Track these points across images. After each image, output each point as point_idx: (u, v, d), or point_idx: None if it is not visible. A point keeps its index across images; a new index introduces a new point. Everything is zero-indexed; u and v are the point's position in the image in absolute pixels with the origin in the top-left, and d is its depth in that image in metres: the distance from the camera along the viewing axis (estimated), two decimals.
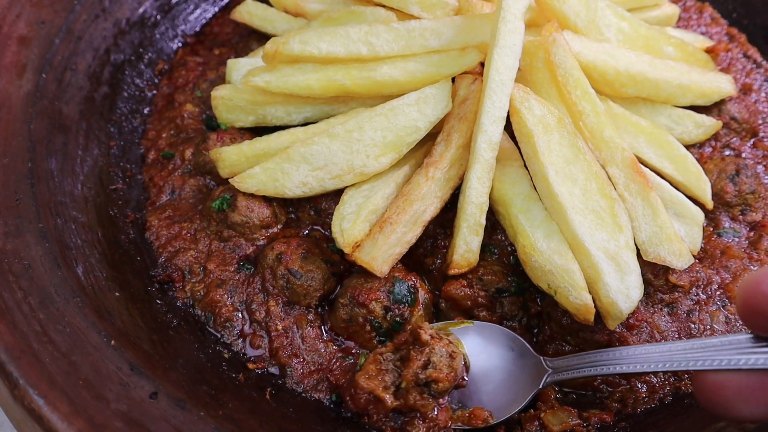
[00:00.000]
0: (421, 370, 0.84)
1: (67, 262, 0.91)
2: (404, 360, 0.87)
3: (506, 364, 0.94)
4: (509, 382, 0.93)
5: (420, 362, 0.84)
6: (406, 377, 0.84)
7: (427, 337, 0.85)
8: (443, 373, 0.83)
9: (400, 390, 0.85)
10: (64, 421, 0.71)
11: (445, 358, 0.85)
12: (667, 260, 0.98)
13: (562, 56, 1.03)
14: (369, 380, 0.86)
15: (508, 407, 0.91)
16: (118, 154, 1.18)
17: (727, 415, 0.68)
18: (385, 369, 0.87)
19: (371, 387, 0.85)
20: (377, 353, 0.88)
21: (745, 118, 1.19)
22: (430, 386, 0.84)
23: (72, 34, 1.17)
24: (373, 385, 0.85)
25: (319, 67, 1.07)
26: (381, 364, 0.87)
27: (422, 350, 0.85)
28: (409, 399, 0.84)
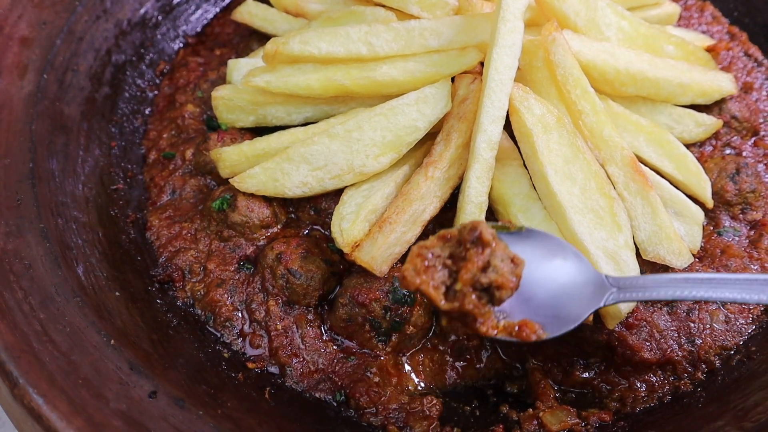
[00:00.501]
0: (481, 273, 0.73)
1: (67, 262, 0.91)
2: (455, 259, 0.76)
3: (561, 276, 0.85)
4: (565, 297, 0.84)
5: (480, 263, 0.73)
6: (463, 278, 0.73)
7: (489, 236, 0.74)
8: (505, 277, 0.73)
9: (452, 292, 0.74)
10: (63, 419, 0.71)
11: (508, 263, 0.75)
12: (666, 259, 0.98)
13: (562, 55, 1.03)
14: (417, 275, 0.74)
15: (563, 324, 0.82)
16: (119, 155, 1.18)
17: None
18: (433, 265, 0.75)
19: (420, 283, 0.73)
20: (421, 247, 0.76)
21: (745, 117, 1.19)
22: (490, 292, 0.74)
23: (73, 35, 1.17)
24: (421, 280, 0.73)
25: (319, 67, 1.07)
26: (428, 259, 0.75)
27: (482, 250, 0.73)
28: (465, 303, 0.73)
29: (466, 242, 0.75)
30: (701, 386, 0.95)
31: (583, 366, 0.98)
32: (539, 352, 0.99)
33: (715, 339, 0.99)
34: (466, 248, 0.75)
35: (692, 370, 0.97)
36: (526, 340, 0.79)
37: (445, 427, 0.92)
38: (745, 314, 1.01)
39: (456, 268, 0.75)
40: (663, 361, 0.96)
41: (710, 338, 0.99)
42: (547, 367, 0.99)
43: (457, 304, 0.74)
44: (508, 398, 0.98)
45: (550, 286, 0.84)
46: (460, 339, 1.02)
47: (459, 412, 0.96)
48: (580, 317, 0.82)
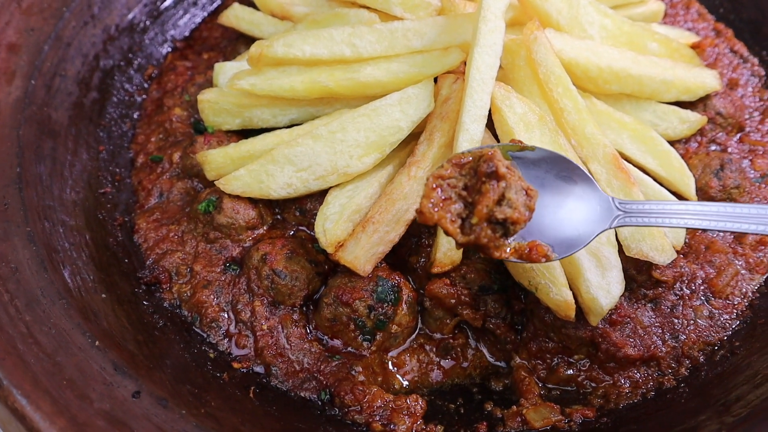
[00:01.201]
0: (496, 207, 0.74)
1: (54, 265, 0.92)
2: (470, 190, 0.77)
3: (569, 198, 0.86)
4: (572, 219, 0.84)
5: (494, 198, 0.74)
6: (480, 213, 0.74)
7: (504, 170, 0.74)
8: (520, 212, 0.74)
9: (467, 225, 0.75)
10: (46, 420, 0.72)
11: (522, 196, 0.75)
12: (649, 256, 0.98)
13: (544, 54, 1.03)
14: (435, 209, 0.75)
15: (570, 245, 0.83)
16: (108, 159, 1.19)
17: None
18: (449, 197, 0.76)
19: (438, 218, 0.75)
20: (437, 177, 0.77)
21: (730, 113, 1.19)
22: (504, 225, 0.75)
23: (61, 41, 1.19)
24: (439, 215, 0.75)
25: (303, 70, 1.08)
26: (444, 191, 0.76)
27: (497, 184, 0.74)
28: (481, 237, 0.74)
29: (481, 174, 0.75)
30: (684, 382, 0.95)
31: (567, 363, 0.98)
32: (524, 349, 1.00)
33: (699, 334, 1.00)
34: (481, 181, 0.75)
35: (676, 365, 0.97)
36: (535, 261, 0.79)
37: (429, 425, 0.92)
38: (729, 309, 1.02)
39: (471, 199, 0.76)
40: (647, 357, 0.97)
41: (694, 334, 1.00)
42: (532, 365, 0.99)
43: (473, 238, 0.75)
44: (492, 396, 0.98)
45: (558, 207, 0.85)
46: (446, 338, 1.03)
47: (443, 410, 0.96)
48: (587, 239, 0.83)
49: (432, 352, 1.02)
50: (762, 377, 0.87)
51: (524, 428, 0.91)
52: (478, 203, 0.74)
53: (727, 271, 1.04)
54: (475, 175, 0.77)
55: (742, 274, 1.05)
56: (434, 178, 0.77)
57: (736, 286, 1.04)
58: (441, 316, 1.02)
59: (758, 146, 1.20)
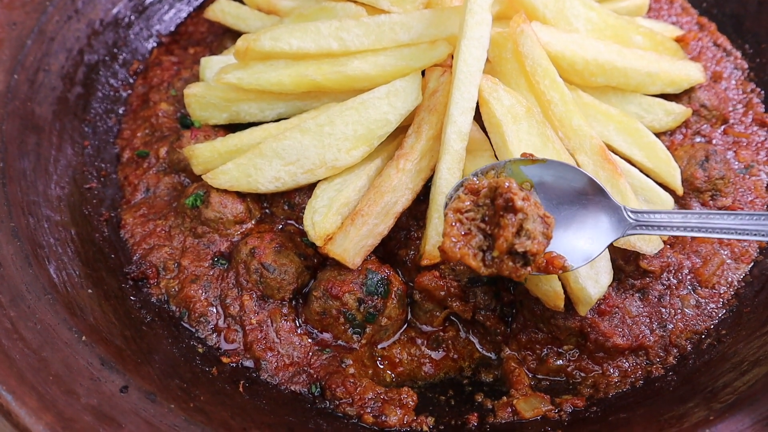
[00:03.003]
0: (515, 238, 0.76)
1: (39, 261, 0.91)
2: (488, 222, 0.79)
3: (581, 208, 0.87)
4: (586, 228, 0.86)
5: (513, 231, 0.76)
6: (500, 248, 0.77)
7: (521, 202, 0.77)
8: (538, 242, 0.76)
9: (488, 257, 0.79)
10: (32, 415, 0.71)
11: (539, 225, 0.77)
12: (636, 246, 0.99)
13: (530, 47, 1.04)
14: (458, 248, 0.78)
15: (585, 254, 0.85)
16: (93, 154, 1.18)
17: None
18: (469, 232, 0.79)
19: (462, 255, 0.78)
20: (456, 211, 0.80)
21: (714, 105, 1.20)
22: (525, 256, 0.77)
23: (44, 35, 1.17)
24: (461, 253, 0.78)
25: (290, 63, 1.07)
26: (463, 225, 0.79)
27: (515, 218, 0.76)
28: (503, 269, 0.78)
29: (499, 208, 0.78)
30: (672, 370, 0.96)
31: (556, 353, 0.99)
32: (514, 341, 1.00)
33: (687, 323, 1.01)
34: (499, 214, 0.78)
35: (664, 354, 0.98)
36: (553, 273, 0.81)
37: (419, 417, 0.92)
38: (715, 298, 1.03)
39: (490, 231, 0.79)
40: (635, 347, 0.97)
41: (681, 323, 1.00)
42: (522, 356, 1.00)
43: (495, 270, 0.78)
44: (483, 387, 0.98)
45: (572, 218, 0.87)
46: (436, 330, 1.03)
47: (434, 402, 0.96)
48: (601, 247, 0.85)
49: (423, 344, 1.02)
50: (748, 364, 0.88)
51: (514, 418, 0.92)
52: (498, 237, 0.77)
53: (713, 261, 1.05)
54: (492, 205, 0.80)
55: (728, 264, 1.06)
56: (453, 212, 0.80)
57: (722, 276, 1.05)
58: (431, 309, 1.02)
59: (742, 138, 1.21)
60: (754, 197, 1.14)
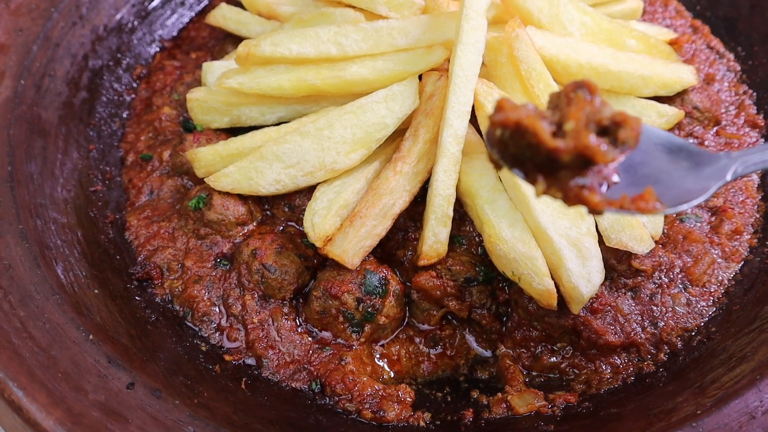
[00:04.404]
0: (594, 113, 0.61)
1: (46, 262, 0.94)
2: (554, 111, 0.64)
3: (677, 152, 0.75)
4: (681, 171, 0.74)
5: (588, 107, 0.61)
6: (574, 115, 0.60)
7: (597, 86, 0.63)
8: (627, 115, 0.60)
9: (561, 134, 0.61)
10: (42, 411, 0.74)
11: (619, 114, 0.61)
12: (629, 245, 1.01)
13: (525, 51, 1.06)
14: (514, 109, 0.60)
15: (682, 197, 0.72)
16: (98, 157, 1.21)
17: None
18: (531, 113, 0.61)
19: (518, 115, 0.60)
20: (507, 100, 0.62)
21: (707, 107, 1.22)
22: (610, 132, 0.61)
23: (50, 41, 1.20)
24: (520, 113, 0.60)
25: (290, 68, 1.10)
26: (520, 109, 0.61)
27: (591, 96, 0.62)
28: (582, 139, 0.59)
29: (568, 93, 0.63)
30: (663, 366, 0.98)
31: (550, 351, 1.01)
32: (509, 338, 1.03)
33: (677, 321, 1.03)
34: (569, 98, 0.63)
35: (655, 351, 1.00)
36: (643, 211, 0.64)
37: (416, 412, 0.95)
38: (706, 297, 1.05)
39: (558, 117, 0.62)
40: (627, 344, 1.00)
41: (672, 321, 1.03)
42: (516, 353, 1.02)
43: (572, 143, 0.59)
44: (479, 384, 1.01)
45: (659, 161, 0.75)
46: (433, 329, 1.05)
47: (431, 398, 0.99)
48: (705, 191, 0.72)
49: (420, 343, 1.04)
50: (736, 360, 0.90)
51: (509, 414, 0.94)
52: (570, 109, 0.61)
53: (704, 260, 1.07)
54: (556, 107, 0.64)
55: (719, 263, 1.08)
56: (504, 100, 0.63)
57: (713, 275, 1.07)
58: (428, 308, 1.04)
59: (734, 139, 1.23)
60: (745, 197, 1.16)
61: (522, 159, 0.63)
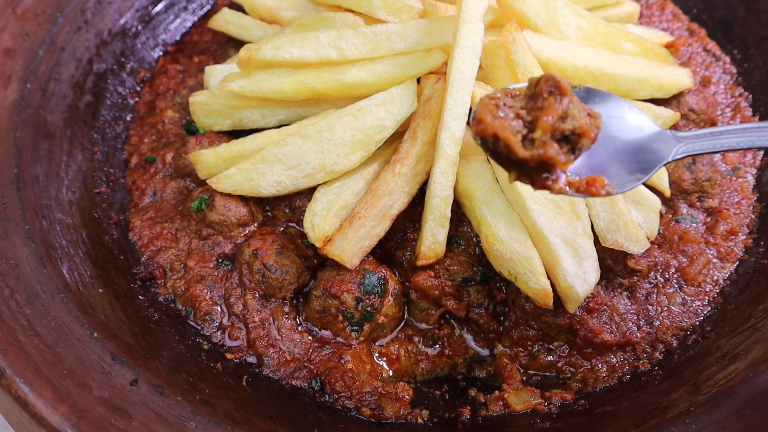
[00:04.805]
0: (560, 122, 0.69)
1: (52, 261, 0.96)
2: (529, 110, 0.72)
3: (624, 133, 0.81)
4: (630, 154, 0.80)
5: (559, 111, 0.69)
6: (543, 124, 0.69)
7: (567, 85, 0.70)
8: (587, 125, 0.69)
9: (528, 141, 0.70)
10: (48, 406, 0.76)
11: (585, 115, 0.71)
12: (624, 246, 1.03)
13: (522, 54, 1.07)
14: (495, 119, 0.69)
15: (629, 179, 0.80)
16: (102, 159, 1.23)
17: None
18: (507, 116, 0.70)
19: (498, 127, 0.68)
20: (491, 97, 0.72)
21: (702, 109, 1.24)
22: (570, 141, 0.70)
23: (55, 46, 1.22)
24: (499, 124, 0.68)
25: (291, 72, 1.11)
26: (500, 109, 0.71)
27: (561, 100, 0.70)
28: (547, 149, 0.69)
29: (542, 92, 0.71)
30: (658, 365, 1.00)
31: (547, 350, 1.03)
32: (506, 337, 1.04)
33: (673, 320, 1.04)
34: (542, 98, 0.71)
35: (650, 350, 1.02)
36: (595, 195, 0.74)
37: (415, 410, 0.96)
38: (701, 296, 1.07)
39: (531, 118, 0.71)
40: (623, 343, 1.01)
41: (668, 320, 1.04)
42: (514, 352, 1.03)
43: (537, 152, 0.70)
44: (476, 382, 1.02)
45: (613, 143, 0.81)
46: (432, 328, 1.07)
47: (429, 396, 1.01)
48: (648, 171, 0.80)
49: (419, 342, 1.06)
50: (730, 358, 0.92)
51: (506, 411, 0.96)
52: (541, 117, 0.69)
53: (699, 260, 1.09)
54: (531, 99, 0.72)
55: (714, 263, 1.10)
56: (488, 97, 0.72)
57: (708, 274, 1.09)
58: (426, 307, 1.06)
59: None
60: (740, 198, 1.17)
61: (498, 154, 0.73)
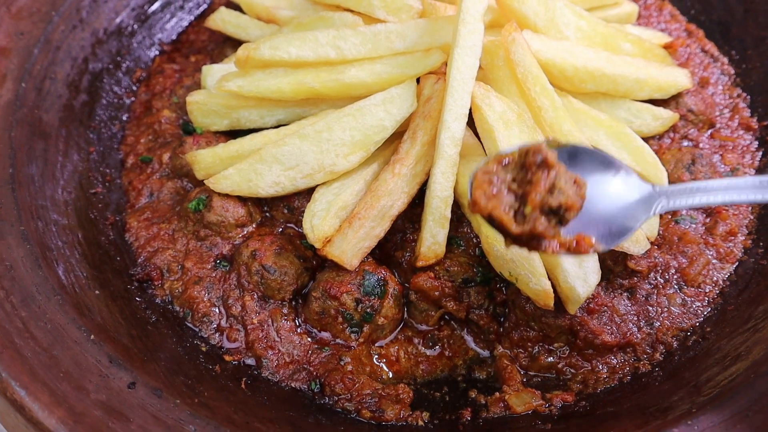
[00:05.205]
0: (548, 195, 0.75)
1: (47, 263, 0.95)
2: (519, 183, 0.77)
3: (610, 190, 0.86)
4: (615, 210, 0.85)
5: (547, 186, 0.75)
6: (533, 201, 0.75)
7: (554, 159, 0.76)
8: (572, 197, 0.75)
9: (520, 216, 0.76)
10: (45, 410, 0.75)
11: (572, 185, 0.77)
12: (625, 247, 1.03)
13: (521, 54, 1.07)
14: (488, 200, 0.76)
15: (615, 237, 0.84)
16: (98, 160, 1.22)
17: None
18: (500, 191, 0.77)
19: (492, 208, 0.75)
20: (485, 172, 0.78)
21: (701, 110, 1.24)
22: (558, 213, 0.76)
23: (50, 45, 1.21)
24: (493, 205, 0.75)
25: (289, 71, 1.11)
26: (492, 184, 0.77)
27: (548, 174, 0.76)
28: (537, 226, 0.75)
29: (531, 165, 0.76)
30: (659, 366, 0.99)
31: (547, 351, 1.02)
32: (506, 339, 1.04)
33: (673, 321, 1.04)
34: (531, 171, 0.76)
35: (651, 351, 1.01)
36: (584, 254, 0.79)
37: (415, 412, 0.96)
38: (701, 297, 1.06)
39: (521, 191, 0.77)
40: (623, 344, 1.01)
41: (668, 321, 1.04)
42: (514, 353, 1.03)
43: (528, 228, 0.75)
44: (476, 384, 1.02)
45: (600, 201, 0.85)
46: (432, 329, 1.06)
47: (430, 398, 1.00)
48: (632, 228, 0.84)
49: (419, 343, 1.05)
50: (730, 359, 0.91)
51: (507, 413, 0.95)
52: (530, 192, 0.75)
53: (699, 261, 1.09)
54: (522, 169, 0.78)
55: (713, 264, 1.10)
56: (483, 173, 0.78)
57: (708, 275, 1.08)
58: (426, 308, 1.05)
59: (728, 142, 1.25)
60: None
61: (494, 224, 0.78)
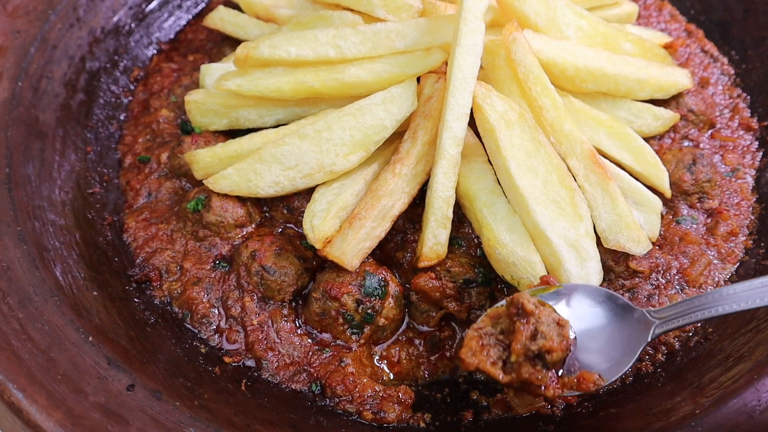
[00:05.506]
0: (530, 342, 0.79)
1: (45, 264, 0.94)
2: (506, 333, 0.83)
3: (606, 321, 0.90)
4: (613, 340, 0.88)
5: (527, 333, 0.79)
6: (515, 350, 0.79)
7: (532, 306, 0.80)
8: (555, 341, 0.79)
9: (509, 364, 0.81)
10: (42, 412, 0.74)
11: (554, 327, 0.81)
12: (626, 247, 1.02)
13: (522, 54, 1.07)
14: (474, 356, 0.81)
15: (618, 366, 0.87)
16: (95, 159, 1.20)
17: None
18: (488, 344, 0.82)
19: (478, 363, 0.81)
20: (475, 329, 0.84)
21: (701, 110, 1.24)
22: (543, 357, 0.80)
23: (47, 43, 1.20)
24: (478, 360, 0.81)
25: (288, 70, 1.10)
26: (482, 339, 0.82)
27: (528, 320, 0.80)
28: (522, 372, 0.80)
29: (511, 316, 0.82)
30: (661, 367, 0.99)
31: None
32: None
33: None
34: (512, 321, 0.81)
35: (653, 352, 1.01)
36: (587, 391, 0.83)
37: (417, 413, 0.95)
38: None
39: (508, 341, 0.82)
40: None
41: None
42: None
43: (515, 375, 0.80)
44: (478, 385, 1.01)
45: (598, 333, 0.89)
46: (433, 330, 1.05)
47: (431, 400, 0.99)
48: (632, 356, 0.87)
49: (420, 344, 1.05)
50: (733, 360, 0.91)
51: (509, 414, 0.94)
52: (513, 341, 0.80)
53: (701, 261, 1.08)
54: (509, 318, 0.83)
55: (715, 264, 1.09)
56: (473, 330, 0.83)
57: (709, 276, 1.08)
58: (427, 309, 1.05)
59: (728, 142, 1.24)
60: (740, 199, 1.17)
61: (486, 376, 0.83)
